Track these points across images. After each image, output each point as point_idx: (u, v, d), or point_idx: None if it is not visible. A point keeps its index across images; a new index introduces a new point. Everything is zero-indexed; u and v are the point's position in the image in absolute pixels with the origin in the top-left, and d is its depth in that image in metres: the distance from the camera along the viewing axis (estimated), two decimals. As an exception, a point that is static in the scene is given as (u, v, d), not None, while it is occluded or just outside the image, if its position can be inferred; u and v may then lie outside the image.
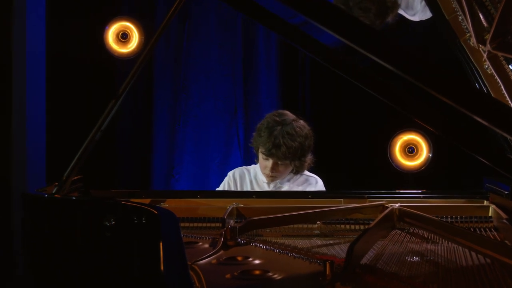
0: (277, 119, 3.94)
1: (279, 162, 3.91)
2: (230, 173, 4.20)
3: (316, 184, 4.11)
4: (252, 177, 4.13)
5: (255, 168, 4.17)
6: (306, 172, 4.14)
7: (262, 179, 4.08)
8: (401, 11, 4.01)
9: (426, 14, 3.92)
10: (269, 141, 3.85)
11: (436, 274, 2.21)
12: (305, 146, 3.92)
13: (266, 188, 4.06)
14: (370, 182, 5.40)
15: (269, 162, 3.91)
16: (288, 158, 3.88)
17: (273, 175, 3.96)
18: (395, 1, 3.82)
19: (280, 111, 4.08)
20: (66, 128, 5.37)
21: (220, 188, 4.20)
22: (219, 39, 5.86)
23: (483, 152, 2.21)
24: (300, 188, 4.07)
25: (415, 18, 4.05)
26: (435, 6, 3.11)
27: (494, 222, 2.91)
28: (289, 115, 4.00)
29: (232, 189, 4.11)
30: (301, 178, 4.12)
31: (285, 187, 4.06)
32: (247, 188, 4.09)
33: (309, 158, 4.02)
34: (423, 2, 3.88)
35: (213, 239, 2.74)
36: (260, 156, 3.97)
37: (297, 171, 4.05)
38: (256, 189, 4.08)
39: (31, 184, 4.76)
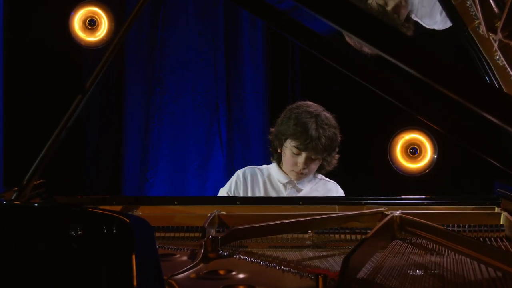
0: (308, 109, 4.04)
1: (313, 157, 4.00)
2: (239, 172, 4.22)
3: (337, 192, 4.18)
4: (265, 177, 4.17)
5: (268, 168, 4.22)
6: (324, 177, 4.22)
7: (278, 179, 4.13)
8: (417, 19, 4.05)
9: (446, 24, 3.96)
10: (305, 133, 3.94)
11: (442, 289, 2.22)
12: (337, 137, 4.07)
13: (282, 190, 4.11)
14: (368, 187, 5.41)
15: (301, 158, 3.99)
16: (326, 151, 4.00)
17: (304, 172, 4.04)
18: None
19: (302, 102, 4.16)
20: (27, 126, 5.36)
21: (225, 189, 4.21)
22: (199, 26, 5.86)
23: (493, 153, 2.22)
24: (321, 193, 4.13)
25: (434, 27, 4.09)
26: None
27: (506, 231, 2.93)
28: (315, 105, 4.11)
29: (241, 190, 4.13)
30: (320, 182, 4.19)
31: (306, 189, 4.11)
32: (260, 190, 4.13)
33: (336, 154, 4.13)
34: (443, 13, 3.93)
35: (192, 250, 2.74)
36: (289, 152, 4.03)
37: (322, 169, 4.13)
38: (270, 191, 4.12)
39: (-14, 190, 4.75)
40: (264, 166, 4.24)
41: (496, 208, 3.17)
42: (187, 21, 5.85)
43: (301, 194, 4.08)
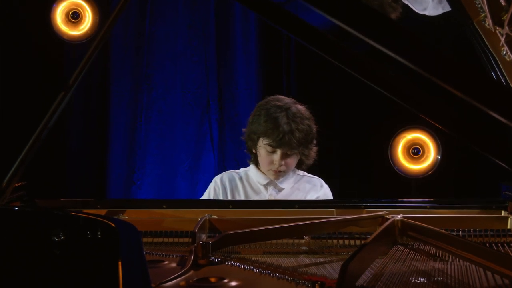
0: (278, 103, 4.03)
1: (289, 152, 3.99)
2: (216, 179, 4.21)
3: (321, 187, 4.17)
4: (244, 181, 4.17)
5: (246, 171, 4.22)
6: (306, 173, 4.20)
7: (258, 180, 4.13)
8: (407, 2, 4.06)
9: (438, 10, 3.97)
10: (277, 129, 3.93)
11: (446, 298, 2.23)
12: (312, 128, 4.03)
13: (263, 192, 4.10)
14: (367, 189, 5.42)
15: (277, 155, 3.99)
16: (301, 144, 3.97)
17: (281, 170, 4.03)
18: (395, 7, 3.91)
19: (272, 96, 4.13)
20: (6, 126, 5.34)
21: (204, 198, 4.18)
22: (188, 19, 5.86)
23: (500, 154, 2.22)
24: (304, 190, 4.13)
25: (425, 13, 4.09)
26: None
27: (513, 236, 2.94)
28: (286, 98, 4.10)
29: (221, 198, 4.11)
30: (303, 178, 4.19)
31: (287, 188, 4.11)
32: (240, 195, 4.12)
33: (315, 146, 4.11)
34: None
35: (181, 257, 2.74)
36: (263, 151, 4.03)
37: (302, 164, 4.12)
38: (251, 194, 4.11)
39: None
40: (242, 169, 4.25)
41: (503, 211, 3.18)
42: (176, 13, 5.85)
43: (283, 192, 4.09)
